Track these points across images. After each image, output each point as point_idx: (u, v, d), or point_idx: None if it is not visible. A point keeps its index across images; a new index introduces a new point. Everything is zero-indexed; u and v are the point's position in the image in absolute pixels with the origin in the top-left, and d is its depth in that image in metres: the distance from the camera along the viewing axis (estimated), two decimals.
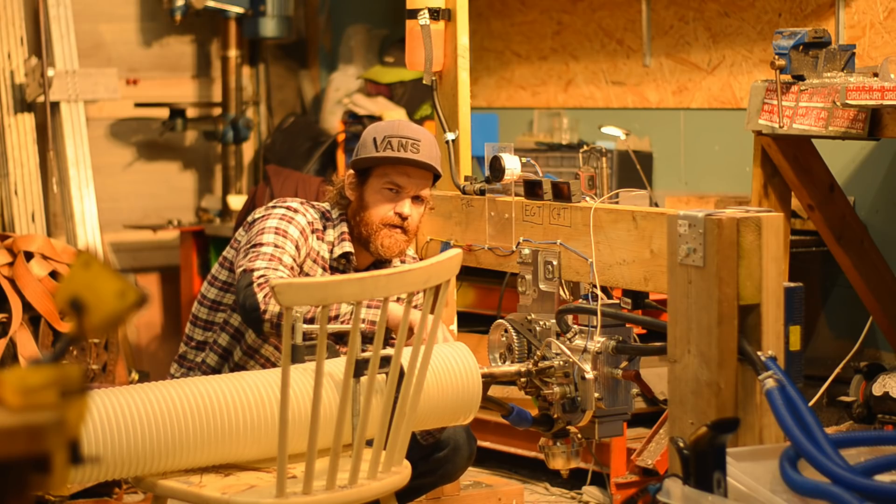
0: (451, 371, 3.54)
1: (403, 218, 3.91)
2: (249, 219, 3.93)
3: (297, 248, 3.83)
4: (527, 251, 3.86)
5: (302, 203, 3.97)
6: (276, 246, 3.79)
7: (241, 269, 3.75)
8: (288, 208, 3.91)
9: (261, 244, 3.79)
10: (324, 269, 3.93)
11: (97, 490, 4.66)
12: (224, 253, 4.00)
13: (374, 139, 3.90)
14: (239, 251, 3.87)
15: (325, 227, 3.97)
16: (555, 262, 3.79)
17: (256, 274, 3.70)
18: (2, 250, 4.84)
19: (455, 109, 4.18)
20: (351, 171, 3.95)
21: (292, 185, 6.04)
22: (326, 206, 4.00)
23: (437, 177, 3.97)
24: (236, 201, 6.65)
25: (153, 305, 6.73)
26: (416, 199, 3.92)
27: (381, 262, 3.99)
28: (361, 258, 3.98)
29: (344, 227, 3.97)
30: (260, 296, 3.65)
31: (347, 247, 3.94)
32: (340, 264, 3.95)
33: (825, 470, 2.79)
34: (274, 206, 3.91)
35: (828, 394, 4.72)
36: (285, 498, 3.11)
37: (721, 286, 3.10)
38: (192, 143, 6.96)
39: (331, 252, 3.94)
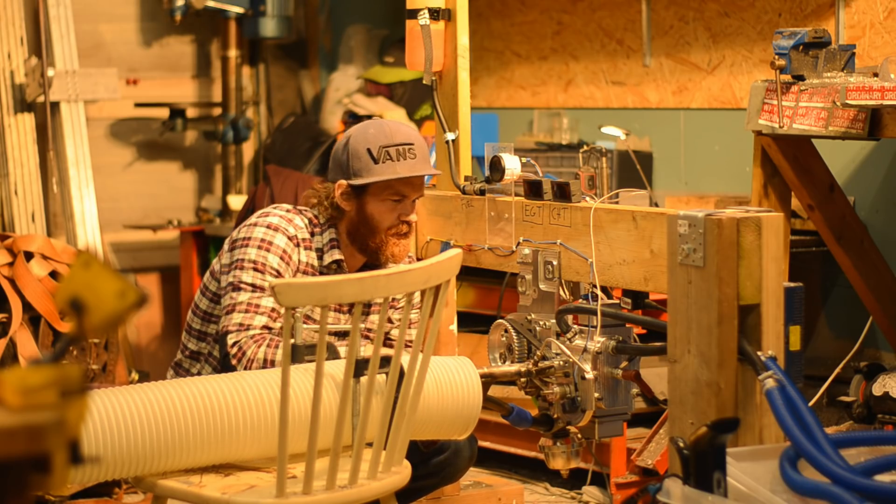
0: (453, 383, 3.54)
1: (409, 223, 3.92)
2: (234, 235, 3.90)
3: (277, 275, 3.82)
4: (527, 251, 3.86)
5: (288, 210, 3.94)
6: (253, 289, 3.78)
7: (221, 326, 3.78)
8: (268, 227, 3.86)
9: (239, 288, 3.79)
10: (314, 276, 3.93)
11: (97, 490, 4.66)
12: (213, 262, 3.99)
13: (369, 151, 3.87)
14: (225, 275, 3.87)
15: (313, 234, 3.94)
16: (555, 262, 3.79)
17: (231, 342, 3.74)
18: (2, 250, 4.84)
19: (455, 109, 4.18)
20: (344, 183, 3.92)
21: (292, 185, 6.04)
22: (314, 211, 3.98)
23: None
24: (236, 201, 6.65)
25: (153, 305, 6.73)
26: (414, 200, 3.93)
27: (372, 264, 3.99)
28: (353, 261, 3.98)
29: (332, 234, 3.95)
30: (239, 368, 3.73)
31: (337, 255, 3.92)
32: (331, 270, 3.95)
33: (825, 470, 2.79)
34: (255, 226, 3.87)
35: (828, 394, 4.72)
36: (285, 498, 3.11)
37: (721, 286, 3.10)
38: (192, 143, 6.96)
39: (320, 259, 3.93)
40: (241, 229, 3.90)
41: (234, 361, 3.75)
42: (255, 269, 3.80)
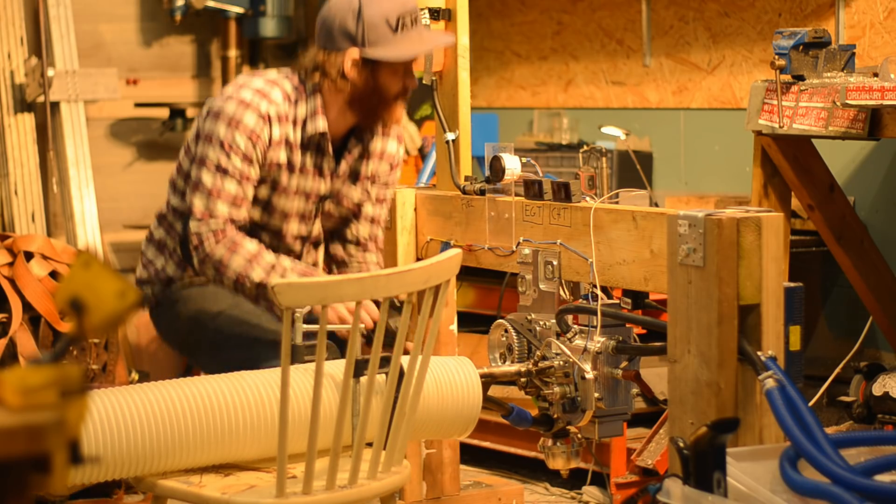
0: (453, 383, 3.54)
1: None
2: (210, 102, 3.89)
3: (244, 158, 3.80)
4: (527, 251, 3.86)
5: (268, 81, 3.87)
6: (217, 170, 3.79)
7: (188, 200, 3.82)
8: (240, 103, 3.81)
9: (204, 164, 3.80)
10: (291, 150, 3.89)
11: (97, 490, 4.66)
12: (196, 120, 3.95)
13: (388, 21, 3.78)
14: (194, 140, 3.88)
15: (296, 102, 3.87)
16: (555, 262, 3.79)
17: (193, 229, 3.79)
18: (2, 250, 4.84)
19: (455, 109, 4.18)
20: (356, 53, 3.80)
21: None
22: (303, 76, 3.89)
23: None
24: None
25: None
26: None
27: (357, 129, 3.96)
28: (339, 125, 3.93)
29: (317, 101, 3.87)
30: (195, 258, 3.81)
31: (321, 125, 3.87)
32: (313, 142, 3.91)
33: (825, 470, 2.79)
34: (230, 99, 3.83)
35: (828, 394, 4.72)
36: (285, 498, 3.11)
37: (721, 286, 3.10)
38: None
39: (303, 130, 3.87)
40: (218, 99, 3.87)
41: (191, 248, 3.80)
42: (222, 148, 3.79)
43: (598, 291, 3.65)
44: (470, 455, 5.24)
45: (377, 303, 3.90)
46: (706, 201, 5.34)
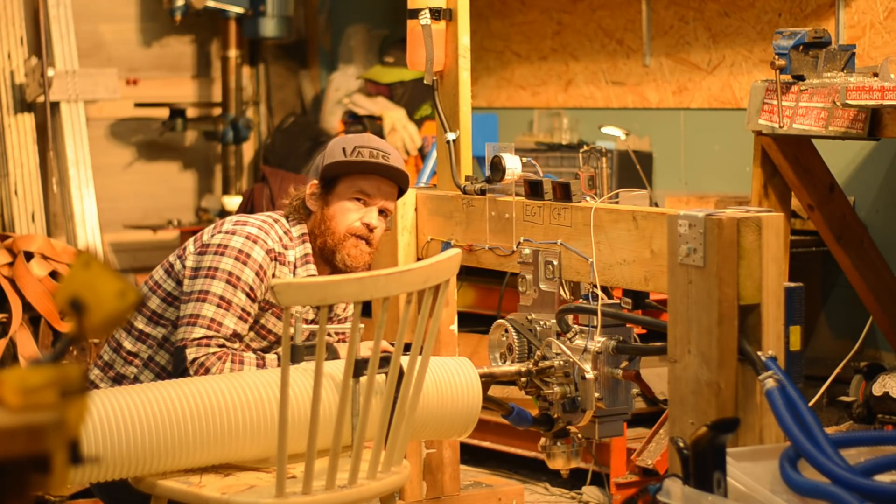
0: (453, 383, 3.54)
1: (371, 229, 3.73)
2: (206, 239, 3.71)
3: (250, 292, 3.63)
4: (527, 251, 3.86)
5: (264, 221, 3.74)
6: (220, 304, 3.60)
7: (179, 339, 3.59)
8: (247, 238, 3.67)
9: (205, 300, 3.60)
10: None
11: None
12: (171, 259, 3.77)
13: (343, 149, 3.73)
14: (190, 279, 3.67)
15: (286, 248, 3.75)
16: (555, 262, 3.79)
17: (190, 358, 3.56)
18: (2, 250, 4.84)
19: (456, 109, 4.18)
20: (315, 182, 3.76)
21: (289, 185, 6.04)
22: (287, 224, 3.78)
23: (402, 192, 3.83)
24: (231, 202, 6.63)
25: None
26: (382, 212, 3.77)
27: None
28: (323, 274, 3.80)
29: (307, 249, 3.76)
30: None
31: (312, 269, 3.75)
32: None
33: (825, 470, 2.79)
34: (232, 234, 3.68)
35: (828, 394, 4.72)
36: (285, 498, 3.11)
37: (721, 286, 3.10)
38: (192, 143, 6.96)
39: (294, 275, 3.74)
40: (216, 234, 3.70)
41: (192, 371, 3.57)
42: (229, 283, 3.61)
43: (599, 291, 3.65)
44: (470, 455, 5.24)
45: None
46: (706, 201, 5.34)
